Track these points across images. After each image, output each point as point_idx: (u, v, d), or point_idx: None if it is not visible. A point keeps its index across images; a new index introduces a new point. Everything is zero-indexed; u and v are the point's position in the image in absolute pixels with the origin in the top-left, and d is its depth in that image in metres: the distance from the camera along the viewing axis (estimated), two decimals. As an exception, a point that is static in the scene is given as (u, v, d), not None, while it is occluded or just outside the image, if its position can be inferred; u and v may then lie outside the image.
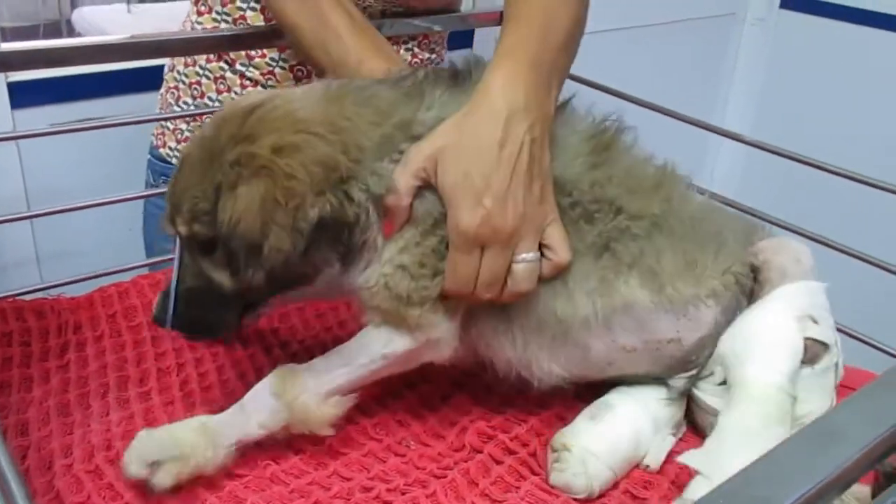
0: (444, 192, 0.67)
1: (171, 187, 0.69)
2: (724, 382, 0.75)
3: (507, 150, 0.67)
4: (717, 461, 0.67)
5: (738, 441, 0.68)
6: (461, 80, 0.73)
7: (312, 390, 0.69)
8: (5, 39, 2.16)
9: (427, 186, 0.68)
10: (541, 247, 0.70)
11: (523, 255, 0.68)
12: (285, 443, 0.72)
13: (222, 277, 0.68)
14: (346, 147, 0.67)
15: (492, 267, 0.67)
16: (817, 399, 0.72)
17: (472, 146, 0.67)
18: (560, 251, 0.69)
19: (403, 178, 0.67)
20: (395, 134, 0.69)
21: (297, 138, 0.65)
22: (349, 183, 0.67)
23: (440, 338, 0.71)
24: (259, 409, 0.69)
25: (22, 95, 1.40)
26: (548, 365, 0.75)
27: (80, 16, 2.16)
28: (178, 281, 0.70)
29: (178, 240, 0.70)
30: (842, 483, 0.35)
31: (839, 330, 0.84)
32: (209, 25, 1.05)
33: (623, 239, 0.72)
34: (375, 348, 0.71)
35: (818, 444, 0.36)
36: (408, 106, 0.70)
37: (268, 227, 0.63)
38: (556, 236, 0.69)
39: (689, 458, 0.69)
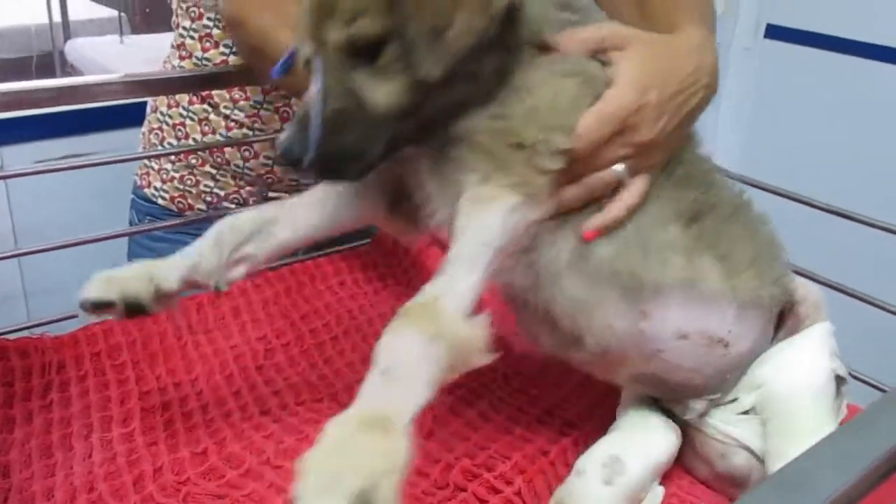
0: (618, 72, 0.67)
1: None
2: (747, 411, 0.75)
3: (689, 80, 0.70)
4: None
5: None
6: None
7: (460, 316, 0.57)
8: (-4, 72, 2.16)
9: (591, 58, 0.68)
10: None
11: (619, 167, 0.67)
12: (266, 469, 0.72)
13: (378, 93, 0.61)
14: None
15: (607, 153, 0.66)
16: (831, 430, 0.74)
17: (665, 60, 0.70)
18: (634, 196, 0.68)
19: (587, 35, 0.68)
20: None
21: None
22: (517, 19, 0.64)
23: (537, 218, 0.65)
24: (417, 364, 0.54)
25: (9, 132, 1.41)
26: (603, 319, 0.70)
27: (73, 47, 2.17)
28: (321, 107, 0.62)
29: (319, 60, 0.62)
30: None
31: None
32: None
33: (711, 215, 0.72)
34: (496, 229, 0.61)
35: (784, 494, 0.36)
36: None
37: (458, 5, 0.59)
38: (642, 182, 0.69)
39: None
